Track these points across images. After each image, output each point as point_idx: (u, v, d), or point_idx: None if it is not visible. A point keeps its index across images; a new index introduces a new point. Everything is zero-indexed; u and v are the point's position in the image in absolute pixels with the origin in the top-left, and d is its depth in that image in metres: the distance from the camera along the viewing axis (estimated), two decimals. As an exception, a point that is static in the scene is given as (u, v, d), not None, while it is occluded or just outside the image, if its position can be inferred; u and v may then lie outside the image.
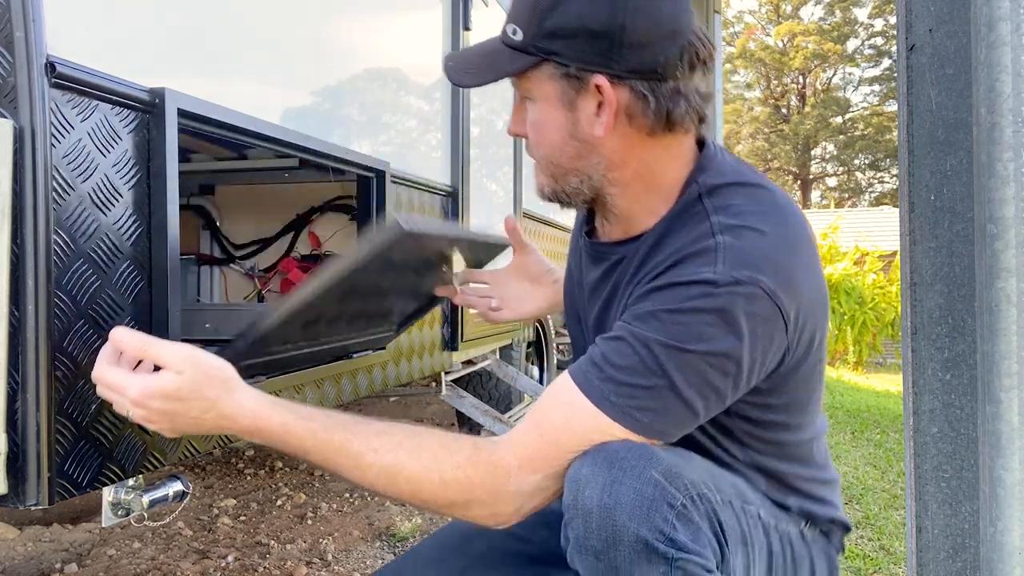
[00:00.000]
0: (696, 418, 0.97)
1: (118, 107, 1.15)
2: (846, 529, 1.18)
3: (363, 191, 2.07)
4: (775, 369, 0.98)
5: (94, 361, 1.07)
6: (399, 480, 0.99)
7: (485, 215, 3.15)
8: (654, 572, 0.89)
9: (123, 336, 0.99)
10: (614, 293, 1.11)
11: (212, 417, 0.99)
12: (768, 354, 0.95)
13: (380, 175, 2.05)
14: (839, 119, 28.46)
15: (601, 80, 0.97)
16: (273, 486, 3.25)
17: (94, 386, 1.07)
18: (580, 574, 0.94)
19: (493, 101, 3.25)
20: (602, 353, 0.97)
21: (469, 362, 3.26)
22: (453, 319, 2.69)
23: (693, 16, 0.99)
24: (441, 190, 2.58)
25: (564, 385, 0.99)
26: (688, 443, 1.04)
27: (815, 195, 30.70)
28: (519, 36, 0.99)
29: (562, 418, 0.98)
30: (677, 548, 0.89)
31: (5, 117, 0.99)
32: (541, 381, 4.25)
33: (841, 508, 1.19)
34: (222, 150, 2.16)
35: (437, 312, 2.60)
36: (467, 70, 1.07)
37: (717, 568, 0.94)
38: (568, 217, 4.10)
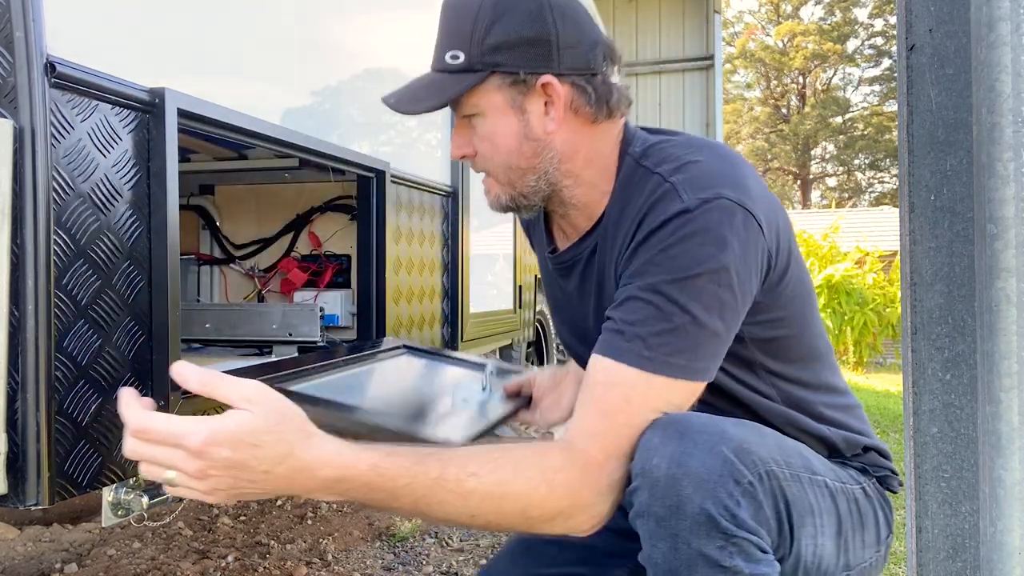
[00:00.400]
0: (723, 342, 1.02)
1: (118, 107, 1.15)
2: (886, 457, 1.25)
3: (363, 191, 2.08)
4: (766, 278, 1.06)
5: (94, 361, 1.07)
6: (506, 501, 0.95)
7: (485, 215, 3.15)
8: (711, 545, 0.91)
9: (185, 370, 0.86)
10: (603, 277, 1.16)
11: (284, 471, 0.84)
12: (757, 258, 1.03)
13: (380, 175, 2.05)
14: (839, 119, 28.46)
15: (548, 79, 1.07)
16: (273, 486, 3.24)
17: (94, 386, 1.07)
18: (640, 536, 0.96)
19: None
20: (619, 319, 1.01)
21: (469, 362, 3.26)
22: (453, 319, 2.69)
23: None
24: (441, 190, 2.58)
25: (600, 367, 1.00)
26: (726, 395, 1.10)
27: (815, 195, 30.71)
28: (460, 59, 1.08)
29: (618, 397, 0.99)
30: (737, 525, 0.92)
31: (5, 117, 0.99)
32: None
33: (873, 434, 1.26)
34: (222, 150, 2.16)
35: (437, 312, 2.60)
36: (413, 100, 1.13)
37: (773, 548, 0.96)
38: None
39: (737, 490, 0.92)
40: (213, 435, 0.80)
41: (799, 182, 30.28)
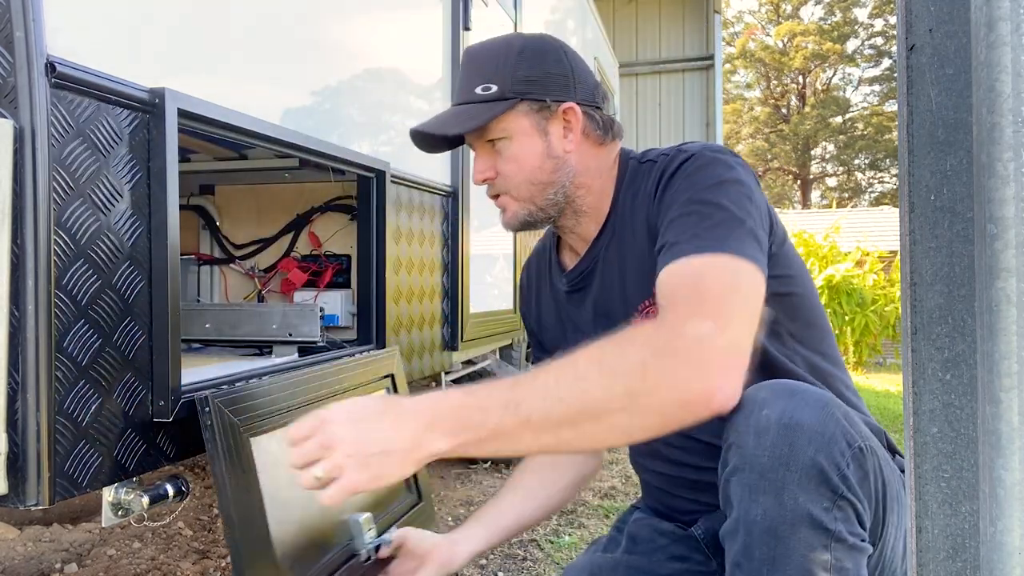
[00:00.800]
0: (761, 241, 1.08)
1: (118, 107, 1.15)
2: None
3: (363, 191, 2.07)
4: (771, 231, 1.17)
5: (94, 361, 1.07)
6: (648, 373, 0.88)
7: (485, 215, 3.15)
8: (817, 502, 0.90)
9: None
10: (624, 260, 1.28)
11: (392, 409, 0.93)
12: (763, 197, 1.17)
13: (380, 175, 2.05)
14: (839, 119, 28.45)
15: (571, 105, 1.26)
16: (273, 486, 3.24)
17: (94, 386, 1.07)
18: (734, 495, 0.93)
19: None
20: (670, 240, 1.08)
21: (469, 362, 3.26)
22: (453, 319, 2.69)
23: None
24: (441, 190, 2.58)
25: (670, 271, 1.04)
26: (763, 360, 1.14)
27: (815, 195, 30.69)
28: (493, 89, 1.24)
29: (704, 274, 1.01)
30: (847, 487, 0.91)
31: (5, 117, 0.99)
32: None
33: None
34: (222, 150, 2.16)
35: (437, 312, 2.60)
36: (448, 125, 1.26)
37: (866, 524, 0.95)
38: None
39: (848, 452, 0.92)
40: (328, 410, 0.94)
41: (799, 182, 30.27)
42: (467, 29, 2.71)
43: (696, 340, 0.90)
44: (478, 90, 1.25)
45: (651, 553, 1.33)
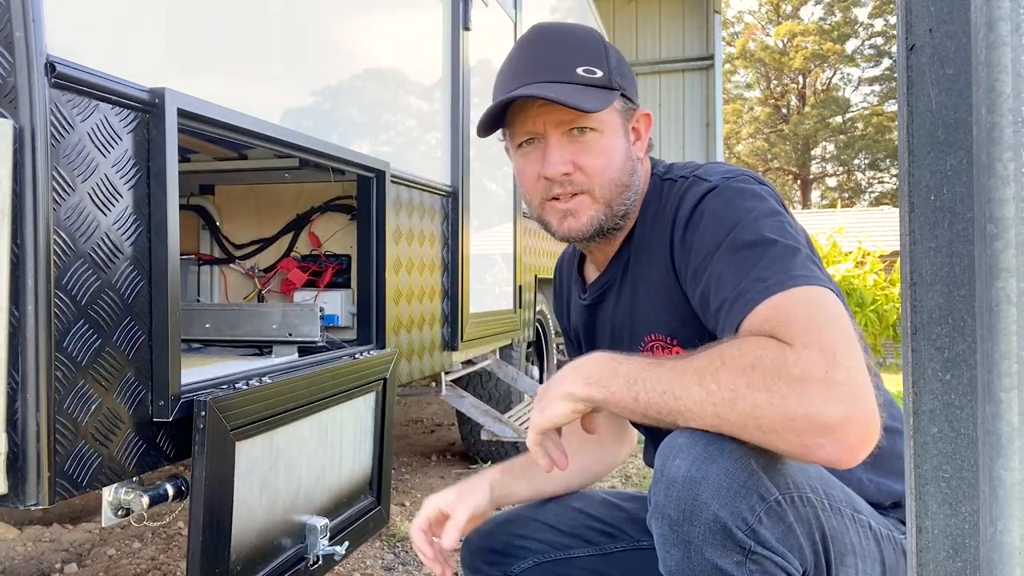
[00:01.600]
0: (814, 260, 1.02)
1: (118, 107, 1.15)
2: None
3: (363, 191, 2.07)
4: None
5: (94, 361, 1.07)
6: (761, 413, 0.85)
7: (485, 215, 3.14)
8: (727, 558, 0.87)
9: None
10: (636, 287, 1.24)
11: (573, 363, 1.02)
12: (794, 219, 1.09)
13: (380, 175, 2.05)
14: (839, 119, 28.45)
15: (647, 112, 1.23)
16: (273, 486, 3.24)
17: (94, 386, 1.07)
18: (654, 539, 0.93)
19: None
20: (727, 294, 1.00)
21: (469, 362, 3.26)
22: (453, 319, 2.69)
23: None
24: (441, 190, 2.58)
25: (749, 324, 0.96)
26: None
27: (815, 195, 30.69)
28: (598, 74, 1.15)
29: (788, 312, 0.93)
30: (757, 541, 0.87)
31: (5, 117, 0.99)
32: (541, 381, 4.25)
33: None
34: (222, 150, 2.16)
35: (437, 312, 2.60)
36: (570, 96, 1.11)
37: None
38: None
39: (761, 506, 0.88)
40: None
41: (799, 182, 30.27)
42: (467, 29, 2.71)
43: (805, 377, 0.84)
44: (580, 71, 1.14)
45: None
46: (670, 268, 1.15)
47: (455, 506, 1.24)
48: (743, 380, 0.87)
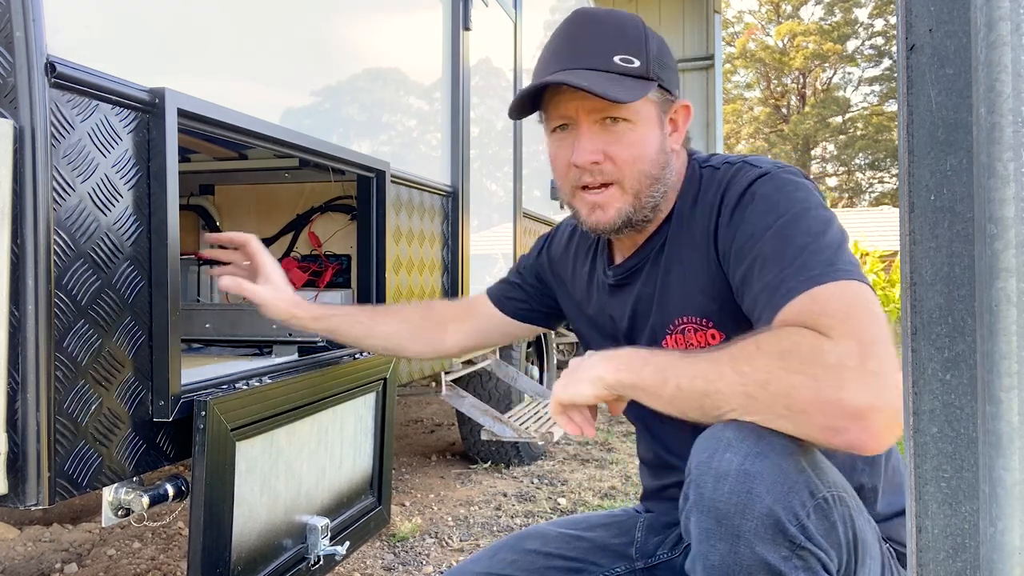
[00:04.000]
0: (854, 261, 1.03)
1: (118, 107, 1.15)
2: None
3: (363, 191, 2.07)
4: None
5: (94, 361, 1.07)
6: (794, 396, 0.88)
7: (485, 215, 3.14)
8: (775, 553, 0.87)
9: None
10: (671, 264, 1.22)
11: (602, 352, 1.05)
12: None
13: (380, 175, 2.05)
14: (839, 119, 28.44)
15: (686, 103, 1.21)
16: (273, 486, 3.24)
17: (94, 386, 1.07)
18: (692, 533, 0.92)
19: (492, 100, 3.25)
20: (770, 278, 1.02)
21: (469, 362, 3.26)
22: (453, 319, 2.69)
23: None
24: (441, 190, 2.58)
25: (788, 312, 0.98)
26: None
27: (815, 195, 30.62)
28: (636, 64, 1.13)
29: (827, 304, 0.95)
30: (806, 536, 0.88)
31: (5, 117, 0.99)
32: (541, 381, 4.25)
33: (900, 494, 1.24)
34: (222, 150, 2.16)
35: (437, 312, 2.60)
36: (604, 86, 1.10)
37: (832, 573, 0.92)
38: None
39: (810, 502, 0.89)
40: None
41: (799, 182, 30.20)
42: (467, 29, 2.71)
43: (840, 364, 0.88)
44: (617, 59, 1.13)
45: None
46: (711, 249, 1.15)
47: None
48: (778, 364, 0.89)
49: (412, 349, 1.57)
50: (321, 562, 1.54)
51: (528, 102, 1.20)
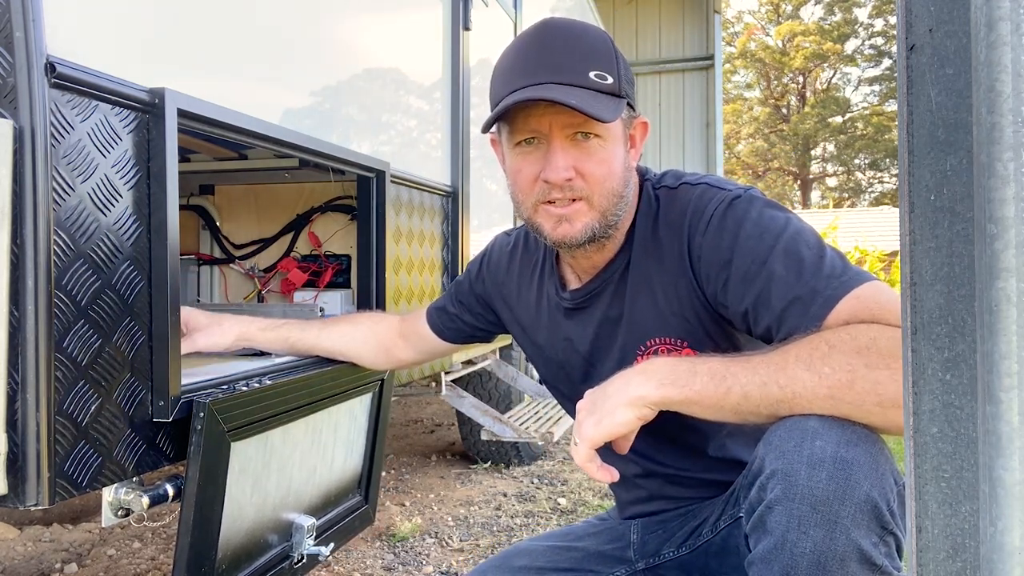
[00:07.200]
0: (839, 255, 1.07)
1: (118, 107, 1.15)
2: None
3: (363, 191, 2.07)
4: None
5: (94, 361, 1.07)
6: (856, 382, 0.90)
7: (485, 215, 3.15)
8: (868, 539, 0.88)
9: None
10: (637, 290, 1.21)
11: (630, 370, 1.02)
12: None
13: (380, 175, 2.05)
14: (839, 119, 28.44)
15: (645, 121, 1.22)
16: (273, 486, 3.24)
17: (94, 386, 1.07)
18: (775, 525, 0.91)
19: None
20: (773, 307, 1.03)
21: (469, 362, 3.26)
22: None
23: None
24: (441, 190, 2.58)
25: (833, 318, 0.99)
26: None
27: (815, 195, 30.67)
28: (609, 81, 1.12)
29: (856, 309, 0.98)
30: (894, 520, 0.90)
31: (5, 117, 0.99)
32: (541, 381, 4.25)
33: None
34: (222, 150, 2.16)
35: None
36: (585, 102, 1.08)
37: (903, 555, 0.94)
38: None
39: (895, 489, 0.91)
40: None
41: (799, 182, 30.26)
42: (467, 29, 2.71)
43: (895, 354, 0.90)
44: (592, 75, 1.10)
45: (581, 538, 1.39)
46: (688, 271, 1.15)
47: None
48: (860, 361, 0.90)
49: (367, 357, 1.65)
50: (304, 560, 1.54)
51: (497, 115, 1.15)
